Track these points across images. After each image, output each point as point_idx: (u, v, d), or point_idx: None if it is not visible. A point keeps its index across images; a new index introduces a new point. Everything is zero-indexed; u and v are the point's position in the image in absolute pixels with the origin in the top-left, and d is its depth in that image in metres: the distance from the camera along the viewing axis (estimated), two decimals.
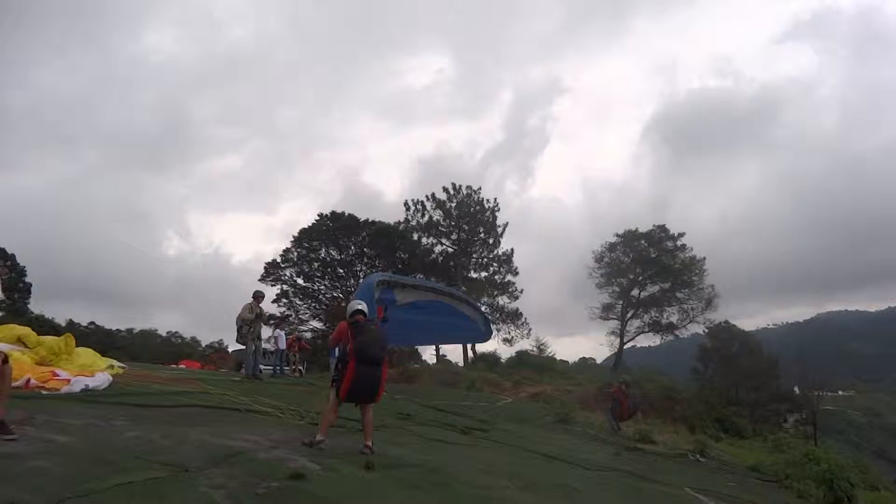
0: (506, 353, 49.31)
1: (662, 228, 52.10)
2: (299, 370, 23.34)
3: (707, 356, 46.37)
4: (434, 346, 51.96)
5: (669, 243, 51.48)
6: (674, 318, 52.41)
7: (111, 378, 8.94)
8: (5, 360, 5.24)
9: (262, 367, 16.57)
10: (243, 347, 15.31)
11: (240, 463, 5.33)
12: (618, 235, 54.08)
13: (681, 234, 51.53)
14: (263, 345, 18.43)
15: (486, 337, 22.14)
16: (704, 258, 50.66)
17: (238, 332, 14.65)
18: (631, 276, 53.06)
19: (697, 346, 49.07)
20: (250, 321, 14.43)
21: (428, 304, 16.46)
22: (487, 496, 6.02)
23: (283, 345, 21.39)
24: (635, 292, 53.49)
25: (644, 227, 53.17)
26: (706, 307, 50.11)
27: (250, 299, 14.87)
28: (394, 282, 16.34)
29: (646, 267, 51.86)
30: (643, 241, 52.19)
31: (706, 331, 48.91)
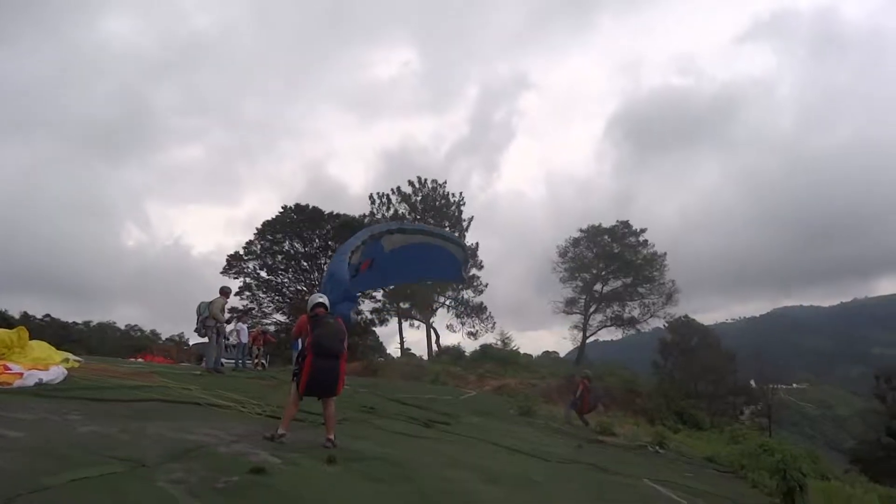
0: (470, 346, 49.48)
1: (625, 224, 52.76)
2: (262, 364, 23.04)
3: (667, 350, 47.23)
4: (399, 340, 52.05)
5: (632, 239, 52.14)
6: (635, 313, 53.15)
7: (66, 372, 8.71)
8: None
9: (223, 360, 16.38)
10: (205, 340, 15.12)
11: (199, 457, 5.25)
12: (581, 230, 54.57)
13: (643, 230, 52.20)
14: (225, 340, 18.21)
15: (460, 278, 21.05)
16: (665, 254, 51.45)
17: (202, 325, 14.45)
18: (594, 271, 53.64)
19: (658, 339, 49.91)
20: (220, 317, 14.34)
21: (415, 247, 15.98)
22: (451, 489, 6.04)
23: (245, 338, 21.11)
24: (598, 287, 54.11)
25: (607, 223, 53.80)
26: (667, 302, 50.95)
27: (216, 294, 14.67)
28: (378, 233, 16.02)
29: (608, 262, 52.47)
30: (606, 237, 52.76)
31: (667, 325, 49.72)
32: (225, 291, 15.02)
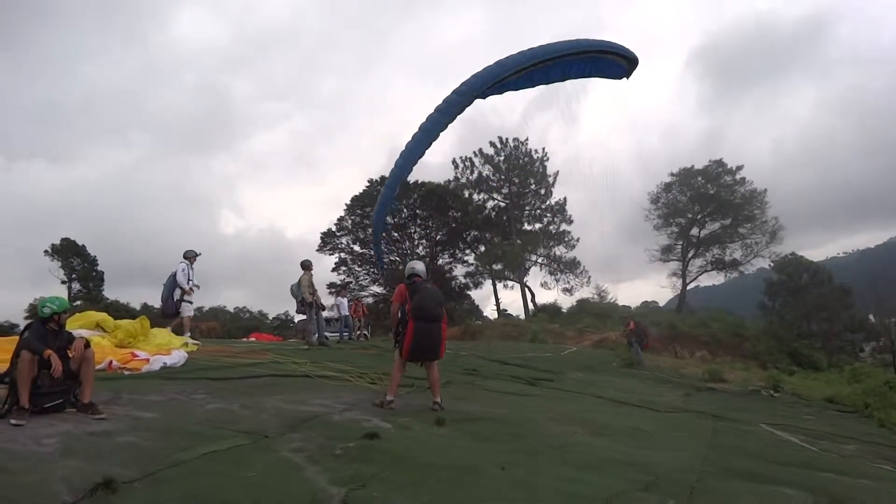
0: (566, 302, 49.11)
1: (719, 163, 50.15)
2: (364, 334, 23.70)
3: (774, 290, 44.97)
4: (495, 302, 52.23)
5: (728, 178, 49.57)
6: (737, 255, 50.86)
7: (187, 355, 9.28)
8: (87, 345, 5.51)
9: (327, 334, 16.86)
10: (305, 317, 15.54)
11: (316, 426, 5.49)
12: (672, 174, 52.43)
13: (739, 168, 49.46)
14: (325, 313, 18.74)
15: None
16: (766, 190, 48.70)
17: (300, 303, 14.91)
18: (689, 215, 51.61)
19: (764, 280, 47.56)
20: (312, 291, 14.67)
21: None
22: (560, 443, 6.07)
23: (345, 311, 21.58)
24: (695, 231, 52.11)
25: (699, 164, 51.47)
26: (771, 240, 48.41)
27: (302, 271, 15.01)
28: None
29: (704, 204, 50.30)
30: (700, 178, 50.45)
31: (772, 264, 47.26)
32: (306, 265, 15.09)
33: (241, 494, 3.57)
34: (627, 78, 16.12)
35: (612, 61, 16.15)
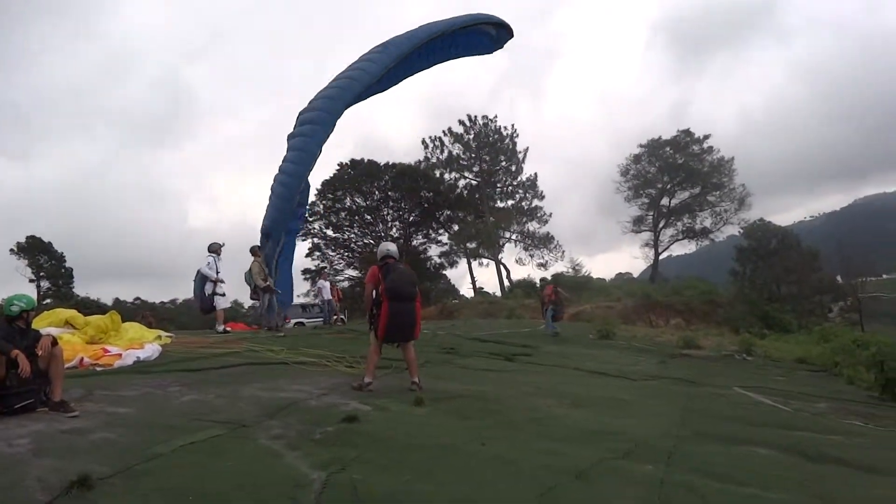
0: (541, 277, 49.50)
1: (687, 132, 50.85)
2: (341, 319, 23.61)
3: (745, 256, 45.68)
4: (470, 281, 52.41)
5: (695, 147, 50.32)
6: (707, 223, 51.89)
7: (161, 348, 9.17)
8: (55, 342, 5.41)
9: (304, 321, 16.74)
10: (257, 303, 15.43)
11: (294, 412, 5.48)
12: (641, 146, 53.05)
13: (706, 137, 50.21)
14: (303, 299, 18.62)
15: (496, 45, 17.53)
16: (733, 158, 49.50)
17: (254, 292, 14.79)
18: (659, 186, 52.34)
19: (734, 247, 48.40)
20: (264, 277, 14.56)
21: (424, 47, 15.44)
22: (539, 417, 6.13)
23: (327, 295, 21.11)
24: (665, 201, 52.86)
25: (667, 135, 51.99)
26: (739, 207, 49.40)
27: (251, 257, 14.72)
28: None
29: (673, 174, 51.02)
30: (668, 149, 51.13)
31: (742, 231, 48.16)
32: (254, 251, 14.68)
33: (221, 484, 3.55)
34: (501, 47, 16.55)
35: (485, 31, 16.53)
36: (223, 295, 13.75)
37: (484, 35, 16.95)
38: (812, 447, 5.65)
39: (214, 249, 13.79)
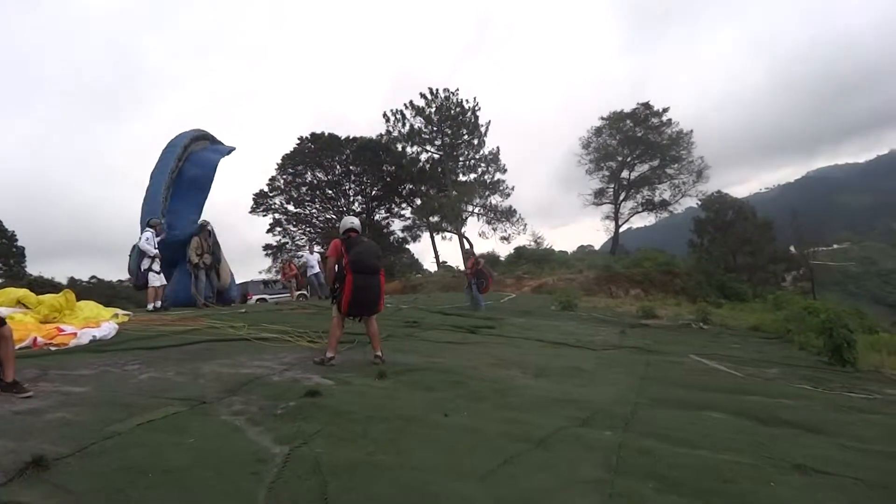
0: (504, 250, 49.91)
1: (646, 105, 51.35)
2: (303, 294, 23.42)
3: (702, 228, 46.76)
4: (434, 255, 52.52)
5: (654, 120, 50.93)
6: (666, 195, 52.78)
7: (118, 326, 9.00)
8: (2, 322, 5.25)
9: (266, 296, 16.55)
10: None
11: (256, 388, 5.44)
12: (602, 118, 53.49)
13: (665, 110, 50.83)
14: (268, 275, 18.40)
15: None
16: (692, 131, 50.27)
17: (187, 263, 14.83)
18: (619, 159, 52.97)
19: (693, 219, 49.49)
20: (200, 253, 14.54)
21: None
22: (502, 388, 6.21)
23: (315, 269, 20.42)
24: (625, 174, 53.56)
25: (628, 108, 52.48)
26: (697, 179, 50.36)
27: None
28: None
29: (633, 147, 51.65)
30: (628, 121, 51.61)
31: (699, 203, 49.14)
32: (153, 224, 14.36)
33: (182, 460, 3.52)
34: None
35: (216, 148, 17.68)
36: (158, 273, 13.54)
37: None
38: (764, 411, 5.84)
39: (154, 224, 13.61)
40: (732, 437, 4.81)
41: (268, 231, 51.87)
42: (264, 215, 51.90)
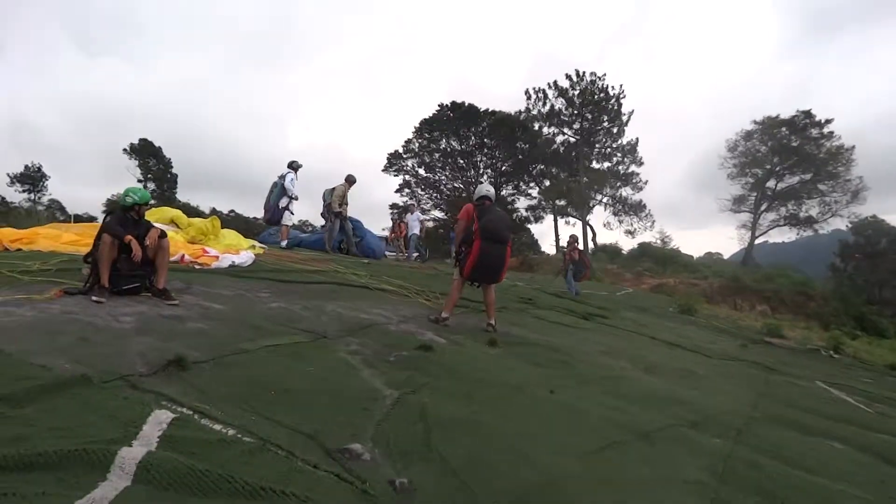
0: (627, 244, 48.54)
1: (807, 114, 47.50)
2: (421, 255, 23.83)
3: (849, 252, 43.22)
4: (554, 238, 51.96)
5: (814, 130, 47.04)
6: (813, 212, 48.79)
7: (254, 256, 9.64)
8: (163, 235, 5.78)
9: (386, 252, 16.89)
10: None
11: (372, 333, 5.68)
12: (755, 122, 50.11)
13: (828, 121, 46.82)
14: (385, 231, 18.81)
15: None
16: (853, 147, 46.11)
17: (326, 210, 15.25)
18: (767, 167, 49.54)
19: (839, 241, 45.74)
20: (342, 203, 14.97)
21: None
22: (610, 376, 6.11)
23: (415, 229, 20.96)
24: (771, 183, 50.08)
25: (785, 114, 48.85)
26: (852, 200, 46.13)
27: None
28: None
29: (785, 156, 48.07)
30: (784, 129, 48.08)
31: (850, 225, 45.24)
32: (349, 179, 15.17)
33: (301, 384, 3.76)
34: None
35: None
36: (293, 213, 14.20)
37: None
38: (892, 450, 5.41)
39: (295, 167, 14.21)
40: (853, 470, 4.49)
41: (396, 191, 53.30)
42: (395, 175, 53.35)
